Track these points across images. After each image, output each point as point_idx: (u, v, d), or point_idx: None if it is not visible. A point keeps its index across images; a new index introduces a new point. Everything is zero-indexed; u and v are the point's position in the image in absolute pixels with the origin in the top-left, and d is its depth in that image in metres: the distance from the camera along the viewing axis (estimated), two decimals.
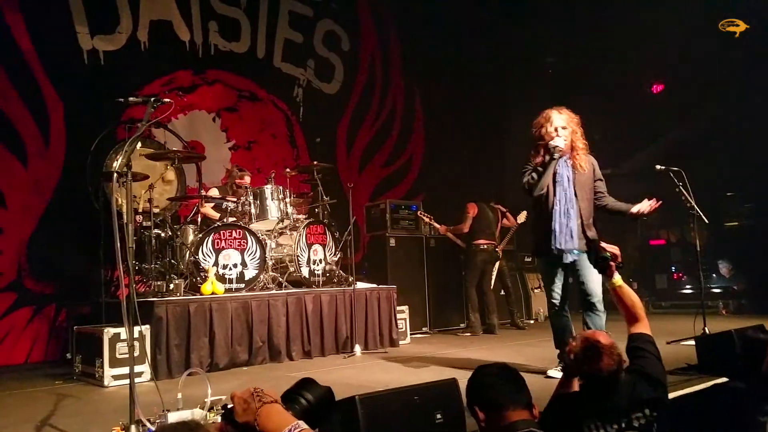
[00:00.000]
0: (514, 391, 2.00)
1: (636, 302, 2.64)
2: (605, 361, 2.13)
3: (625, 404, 2.14)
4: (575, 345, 2.27)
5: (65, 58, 6.17)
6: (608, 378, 2.15)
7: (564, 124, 3.90)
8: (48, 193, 5.97)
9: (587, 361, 2.17)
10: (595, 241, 2.82)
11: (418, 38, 9.61)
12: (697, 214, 5.32)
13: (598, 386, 2.17)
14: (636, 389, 2.20)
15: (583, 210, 3.86)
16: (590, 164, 3.96)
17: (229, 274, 5.14)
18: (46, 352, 5.73)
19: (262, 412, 1.33)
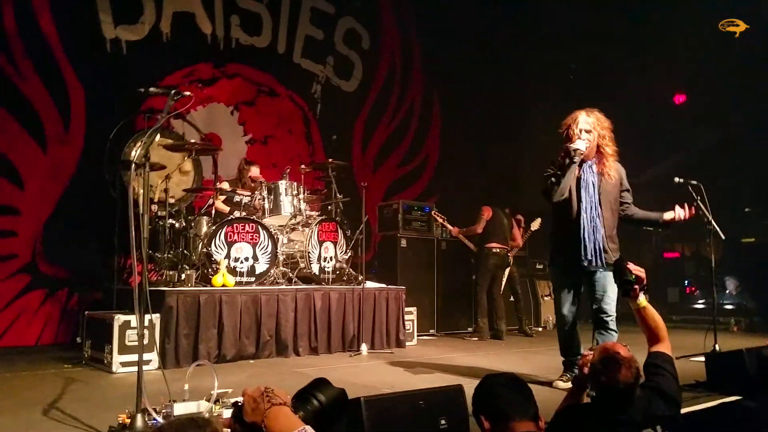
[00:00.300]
0: (522, 402, 1.98)
1: (660, 324, 2.58)
2: (623, 373, 2.11)
3: (638, 419, 2.12)
4: (593, 356, 2.25)
5: (88, 46, 6.23)
6: (624, 390, 2.12)
7: (589, 127, 3.74)
8: (66, 178, 6.04)
9: (605, 371, 2.14)
10: (622, 260, 2.69)
11: (438, 39, 9.58)
12: (714, 229, 5.24)
13: (613, 399, 2.14)
14: (651, 405, 2.18)
15: (606, 220, 3.71)
16: (617, 172, 3.80)
17: (241, 268, 5.17)
18: (56, 335, 5.80)
19: (270, 413, 1.33)
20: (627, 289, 2.63)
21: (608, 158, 3.76)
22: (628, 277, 2.61)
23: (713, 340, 5.11)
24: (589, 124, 3.74)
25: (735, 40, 7.96)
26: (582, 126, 3.73)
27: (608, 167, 3.75)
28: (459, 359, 5.23)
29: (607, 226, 3.71)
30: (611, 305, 3.69)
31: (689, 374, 4.09)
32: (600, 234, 3.67)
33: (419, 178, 9.52)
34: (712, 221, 5.20)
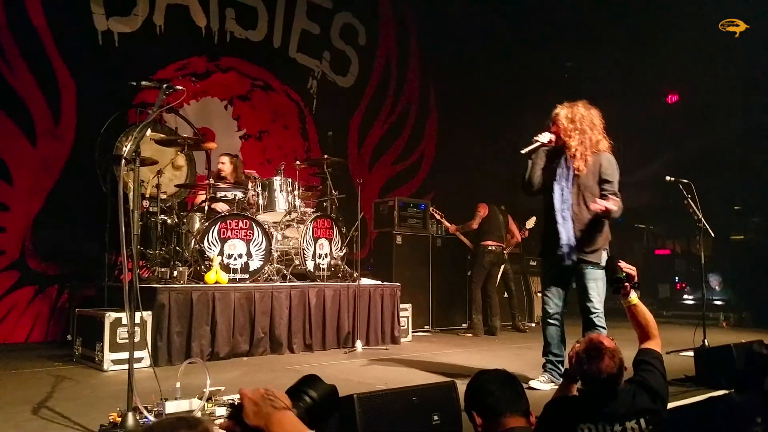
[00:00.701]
0: (513, 398, 2.00)
1: (650, 321, 2.60)
2: (606, 362, 2.14)
3: (622, 411, 2.14)
4: (578, 346, 2.28)
5: (79, 38, 6.15)
6: (607, 380, 2.15)
7: (559, 119, 3.76)
8: (56, 173, 5.96)
9: (588, 361, 2.18)
10: (613, 258, 2.69)
11: (435, 36, 9.55)
12: (704, 227, 5.30)
13: (596, 388, 2.18)
14: (635, 399, 2.20)
15: (578, 215, 3.67)
16: (596, 165, 3.69)
17: (234, 264, 5.12)
18: (47, 332, 5.73)
19: (275, 419, 1.28)
20: (618, 287, 2.65)
21: (586, 150, 3.68)
22: (619, 275, 2.63)
23: (702, 336, 5.18)
24: (560, 116, 3.76)
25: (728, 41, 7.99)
26: (557, 119, 3.78)
27: (583, 160, 3.68)
28: (453, 355, 5.22)
29: (579, 219, 3.66)
30: (596, 301, 3.65)
31: (678, 369, 4.13)
32: (571, 228, 3.65)
33: (415, 175, 9.50)
34: (702, 219, 5.26)
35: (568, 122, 3.73)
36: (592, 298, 3.66)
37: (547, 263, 3.92)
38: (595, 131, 3.73)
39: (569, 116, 3.74)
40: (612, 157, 3.74)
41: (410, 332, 6.25)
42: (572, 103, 3.80)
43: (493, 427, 1.95)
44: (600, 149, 3.72)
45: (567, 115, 3.75)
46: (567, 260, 3.69)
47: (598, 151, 3.71)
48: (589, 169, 3.68)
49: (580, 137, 3.70)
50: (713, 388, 3.57)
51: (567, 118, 3.74)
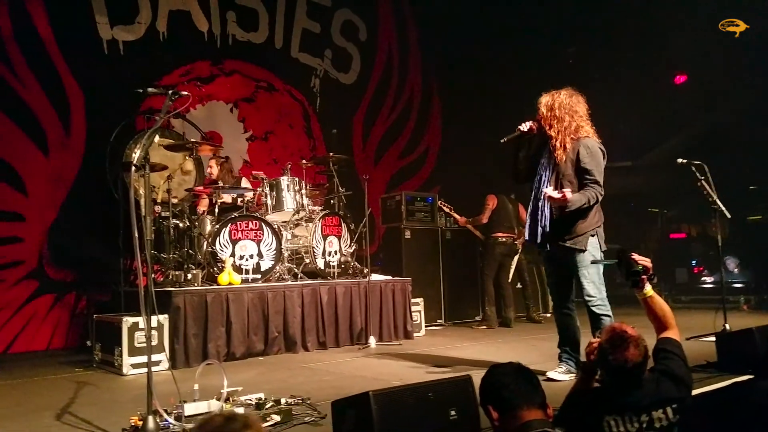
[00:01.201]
0: (529, 390, 1.99)
1: (667, 312, 2.56)
2: (631, 352, 2.11)
3: (647, 401, 2.12)
4: (600, 338, 2.25)
5: (85, 48, 6.22)
6: (633, 370, 2.12)
7: (540, 107, 3.75)
8: (68, 182, 6.06)
9: (613, 351, 2.14)
10: (625, 252, 2.67)
11: (436, 28, 9.52)
12: (719, 209, 5.20)
13: (621, 379, 2.15)
14: (660, 387, 2.17)
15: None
16: (574, 152, 3.62)
17: (246, 265, 5.18)
18: (66, 339, 5.84)
19: None
20: (635, 281, 2.60)
21: (566, 138, 3.64)
22: (636, 268, 2.58)
23: (723, 320, 5.06)
24: (541, 105, 3.76)
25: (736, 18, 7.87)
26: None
27: (562, 148, 3.64)
28: (467, 348, 5.23)
29: (560, 207, 3.59)
30: (590, 288, 3.59)
31: (700, 355, 4.06)
32: (545, 217, 3.65)
33: (421, 169, 9.50)
34: (717, 200, 5.16)
35: (548, 110, 3.71)
36: (585, 286, 3.60)
37: (543, 255, 3.93)
38: (576, 117, 3.68)
39: (549, 104, 3.72)
40: (592, 142, 3.65)
41: (423, 326, 6.26)
42: (555, 91, 3.76)
43: (510, 421, 1.94)
44: (580, 136, 3.64)
45: (547, 103, 3.73)
46: (544, 247, 3.72)
47: (578, 138, 3.64)
48: (568, 157, 3.64)
49: (559, 125, 3.66)
50: (736, 374, 3.51)
51: (546, 106, 3.72)
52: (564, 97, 3.71)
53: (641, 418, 2.10)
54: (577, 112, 3.69)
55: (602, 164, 3.64)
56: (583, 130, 3.67)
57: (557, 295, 3.87)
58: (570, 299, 3.82)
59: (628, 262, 2.61)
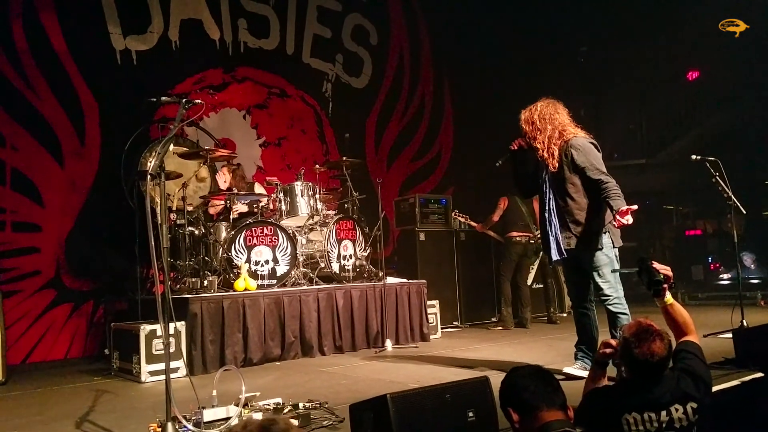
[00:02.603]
0: (549, 392, 1.99)
1: (687, 319, 2.55)
2: (657, 345, 2.13)
3: (667, 398, 2.12)
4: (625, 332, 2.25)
5: (99, 59, 6.28)
6: (657, 364, 2.13)
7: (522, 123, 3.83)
8: (84, 192, 6.11)
9: (638, 343, 2.15)
10: (645, 260, 2.66)
11: (447, 30, 9.52)
12: (735, 204, 5.16)
13: (645, 374, 2.15)
14: (679, 384, 2.18)
15: (564, 207, 3.65)
16: (567, 155, 3.64)
17: (261, 271, 5.20)
18: (84, 348, 5.87)
19: None
20: (657, 290, 2.59)
21: (552, 146, 3.66)
22: (658, 278, 2.57)
23: (740, 316, 5.03)
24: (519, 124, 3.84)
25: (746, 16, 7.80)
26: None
27: (551, 156, 3.66)
28: (484, 350, 5.21)
29: (566, 212, 3.64)
30: (606, 287, 3.59)
31: (718, 351, 4.03)
32: (555, 224, 3.69)
33: (434, 171, 9.48)
34: (732, 197, 5.13)
35: (528, 125, 3.78)
36: (601, 285, 3.60)
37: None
38: (557, 124, 3.70)
39: (528, 119, 3.78)
40: (580, 140, 3.65)
41: (439, 328, 6.25)
42: (532, 105, 3.83)
43: (531, 422, 1.94)
44: (566, 139, 3.65)
45: (527, 118, 3.79)
46: (558, 256, 3.71)
47: (564, 140, 3.65)
48: (561, 162, 3.65)
49: (542, 136, 3.70)
50: (755, 370, 3.48)
51: (527, 122, 3.79)
52: (541, 107, 3.79)
53: (661, 417, 2.09)
54: (556, 119, 3.73)
55: (599, 156, 3.66)
56: (567, 132, 3.70)
57: (575, 294, 3.89)
58: (588, 299, 3.80)
59: (649, 270, 2.60)
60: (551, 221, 3.72)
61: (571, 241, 3.64)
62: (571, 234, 3.64)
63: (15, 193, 5.72)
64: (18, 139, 5.77)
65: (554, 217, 3.70)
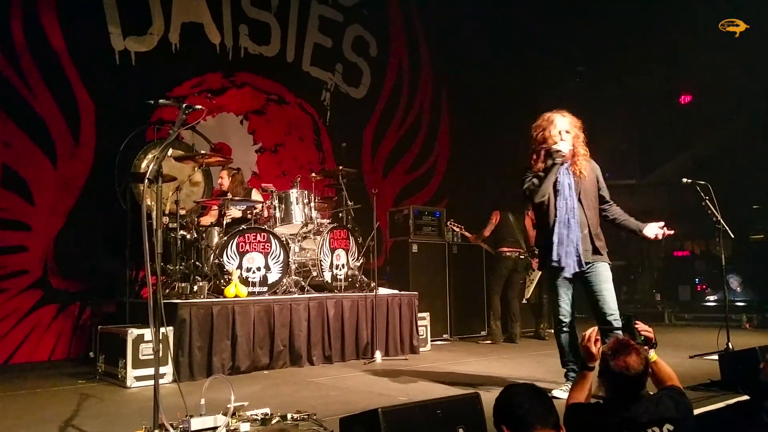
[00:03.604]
0: (543, 411, 1.99)
1: (672, 375, 2.56)
2: (633, 358, 2.17)
3: (645, 418, 2.14)
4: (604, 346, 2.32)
5: (97, 59, 6.25)
6: (633, 378, 2.15)
7: (568, 127, 3.66)
8: (76, 192, 6.06)
9: (615, 356, 2.20)
10: (630, 320, 2.68)
11: (446, 45, 9.61)
12: (723, 228, 5.24)
13: (621, 388, 2.18)
14: (658, 406, 2.20)
15: (590, 219, 3.64)
16: (592, 171, 3.73)
17: (253, 278, 5.16)
18: (69, 350, 5.79)
19: None
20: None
21: (581, 158, 3.69)
22: (638, 339, 2.60)
23: (726, 338, 5.08)
24: (568, 124, 3.68)
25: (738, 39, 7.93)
26: (561, 127, 3.67)
27: (581, 166, 3.67)
28: (473, 364, 5.19)
29: (591, 224, 3.64)
30: (612, 301, 3.56)
31: (703, 373, 4.09)
32: (577, 234, 3.57)
33: (429, 183, 9.51)
34: (721, 220, 5.21)
35: (578, 129, 3.71)
36: (608, 300, 3.56)
37: (551, 273, 3.72)
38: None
39: (577, 123, 3.72)
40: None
41: (429, 341, 6.23)
42: (562, 110, 3.76)
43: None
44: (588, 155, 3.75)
45: (576, 122, 3.72)
46: (576, 268, 3.59)
47: (588, 156, 3.75)
48: (588, 174, 3.69)
49: (584, 145, 3.73)
50: (740, 393, 3.51)
51: (574, 125, 3.71)
52: (574, 117, 3.76)
53: None
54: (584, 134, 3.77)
55: None
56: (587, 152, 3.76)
57: (567, 312, 3.74)
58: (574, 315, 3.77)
59: (632, 331, 2.64)
60: (572, 232, 3.58)
61: (588, 254, 3.60)
62: (592, 247, 3.61)
63: (5, 190, 5.66)
64: (11, 136, 5.72)
65: (577, 228, 3.59)
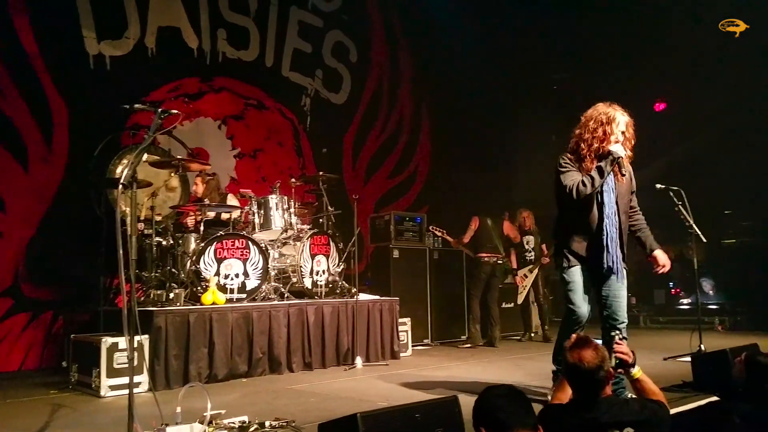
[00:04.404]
0: (521, 413, 2.01)
1: (657, 391, 2.56)
2: (588, 353, 2.21)
3: (606, 419, 2.16)
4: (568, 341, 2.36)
5: (71, 63, 6.14)
6: (587, 373, 2.18)
7: (625, 129, 3.42)
8: (49, 199, 5.92)
9: (571, 349, 2.25)
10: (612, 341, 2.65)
11: (426, 51, 9.66)
12: (696, 233, 5.36)
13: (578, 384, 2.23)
14: (622, 408, 2.23)
15: (622, 222, 3.49)
16: (630, 174, 3.56)
17: (231, 284, 5.09)
18: (41, 359, 5.65)
19: None
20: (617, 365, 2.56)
21: (626, 160, 3.49)
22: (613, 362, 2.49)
23: (699, 341, 5.22)
24: (626, 126, 3.44)
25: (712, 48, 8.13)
26: (623, 128, 3.43)
27: (625, 168, 3.49)
28: (453, 368, 5.21)
29: (623, 228, 3.50)
30: (624, 311, 3.47)
31: (676, 374, 4.17)
32: (617, 245, 3.43)
33: (410, 189, 9.53)
34: (693, 225, 5.33)
35: (631, 128, 3.47)
36: (622, 308, 3.47)
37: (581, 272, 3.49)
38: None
39: (632, 125, 3.48)
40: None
41: (410, 346, 6.22)
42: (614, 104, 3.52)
43: None
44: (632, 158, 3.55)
45: (631, 123, 3.47)
46: (616, 271, 3.43)
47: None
48: (627, 179, 3.53)
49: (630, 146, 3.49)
50: (712, 394, 3.59)
51: (631, 124, 3.47)
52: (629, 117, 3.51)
53: None
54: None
55: None
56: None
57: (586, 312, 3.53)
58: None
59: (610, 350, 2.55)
60: (613, 233, 3.40)
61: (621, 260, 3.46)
62: (622, 252, 3.47)
63: None
64: None
65: (616, 234, 3.42)
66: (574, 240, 3.49)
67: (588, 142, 3.45)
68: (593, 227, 3.43)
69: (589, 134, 3.45)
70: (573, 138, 3.57)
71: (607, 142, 3.38)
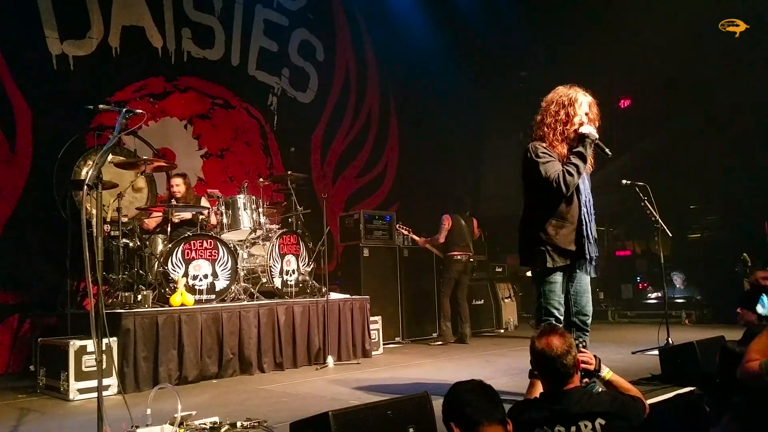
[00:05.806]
0: (489, 407, 2.03)
1: (630, 388, 2.57)
2: (555, 340, 2.23)
3: (576, 410, 2.17)
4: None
5: (33, 63, 6.02)
6: (553, 361, 2.21)
7: (588, 109, 3.25)
8: (13, 201, 5.80)
9: (539, 337, 2.28)
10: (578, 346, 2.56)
11: (392, 50, 9.70)
12: (661, 227, 5.49)
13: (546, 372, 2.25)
14: (592, 399, 2.24)
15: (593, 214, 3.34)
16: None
17: (200, 285, 5.06)
18: (8, 364, 5.54)
19: None
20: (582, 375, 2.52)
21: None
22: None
23: (666, 334, 5.33)
24: (588, 106, 3.27)
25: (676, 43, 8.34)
26: (585, 109, 3.25)
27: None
28: (425, 366, 5.27)
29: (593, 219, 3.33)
30: (590, 305, 3.37)
31: (645, 368, 4.26)
32: (594, 229, 3.27)
33: (380, 187, 9.56)
34: (659, 220, 5.45)
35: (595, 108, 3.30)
36: (590, 301, 3.36)
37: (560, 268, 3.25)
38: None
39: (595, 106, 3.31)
40: None
41: (381, 344, 6.26)
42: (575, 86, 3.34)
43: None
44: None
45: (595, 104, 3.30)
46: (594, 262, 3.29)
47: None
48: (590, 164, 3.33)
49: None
50: (680, 386, 3.66)
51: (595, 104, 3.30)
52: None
53: (568, 427, 2.14)
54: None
55: None
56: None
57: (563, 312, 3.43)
58: None
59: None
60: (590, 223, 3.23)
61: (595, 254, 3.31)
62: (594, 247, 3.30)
63: None
64: None
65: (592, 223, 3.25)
66: (559, 234, 3.21)
67: (551, 126, 3.25)
68: (575, 217, 3.23)
69: (551, 118, 3.26)
70: (535, 126, 3.34)
71: (571, 125, 3.21)
